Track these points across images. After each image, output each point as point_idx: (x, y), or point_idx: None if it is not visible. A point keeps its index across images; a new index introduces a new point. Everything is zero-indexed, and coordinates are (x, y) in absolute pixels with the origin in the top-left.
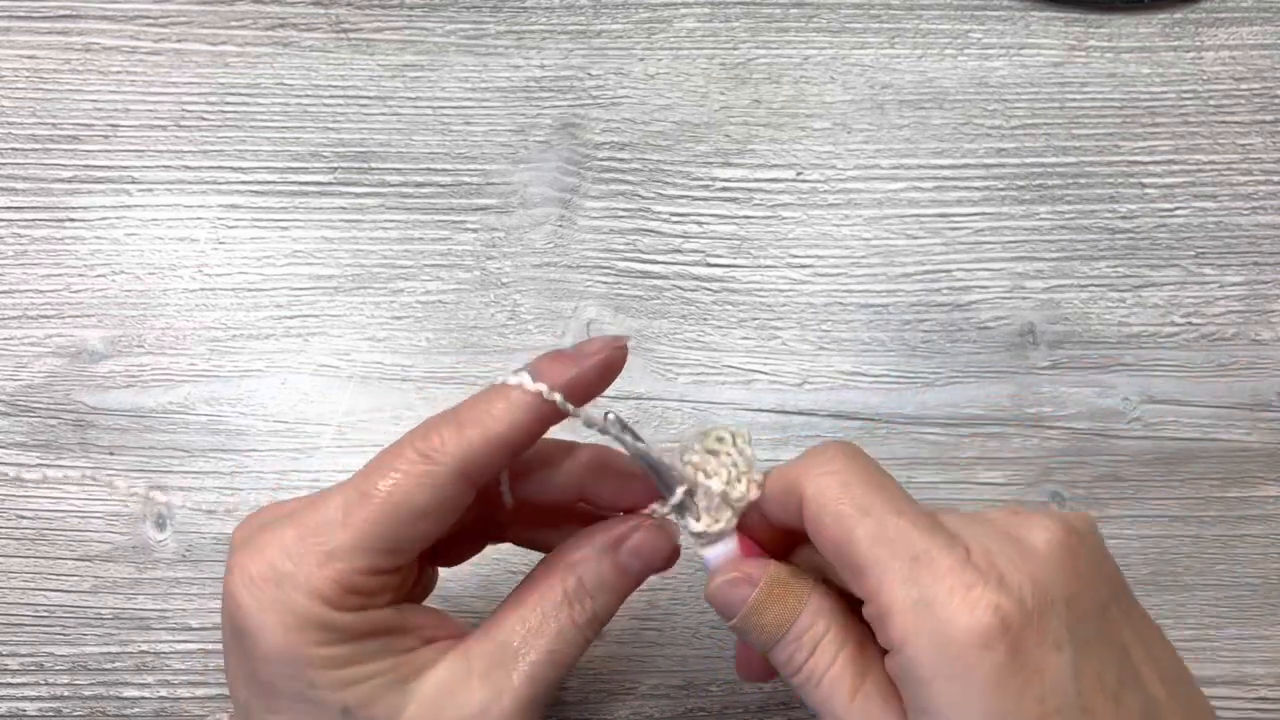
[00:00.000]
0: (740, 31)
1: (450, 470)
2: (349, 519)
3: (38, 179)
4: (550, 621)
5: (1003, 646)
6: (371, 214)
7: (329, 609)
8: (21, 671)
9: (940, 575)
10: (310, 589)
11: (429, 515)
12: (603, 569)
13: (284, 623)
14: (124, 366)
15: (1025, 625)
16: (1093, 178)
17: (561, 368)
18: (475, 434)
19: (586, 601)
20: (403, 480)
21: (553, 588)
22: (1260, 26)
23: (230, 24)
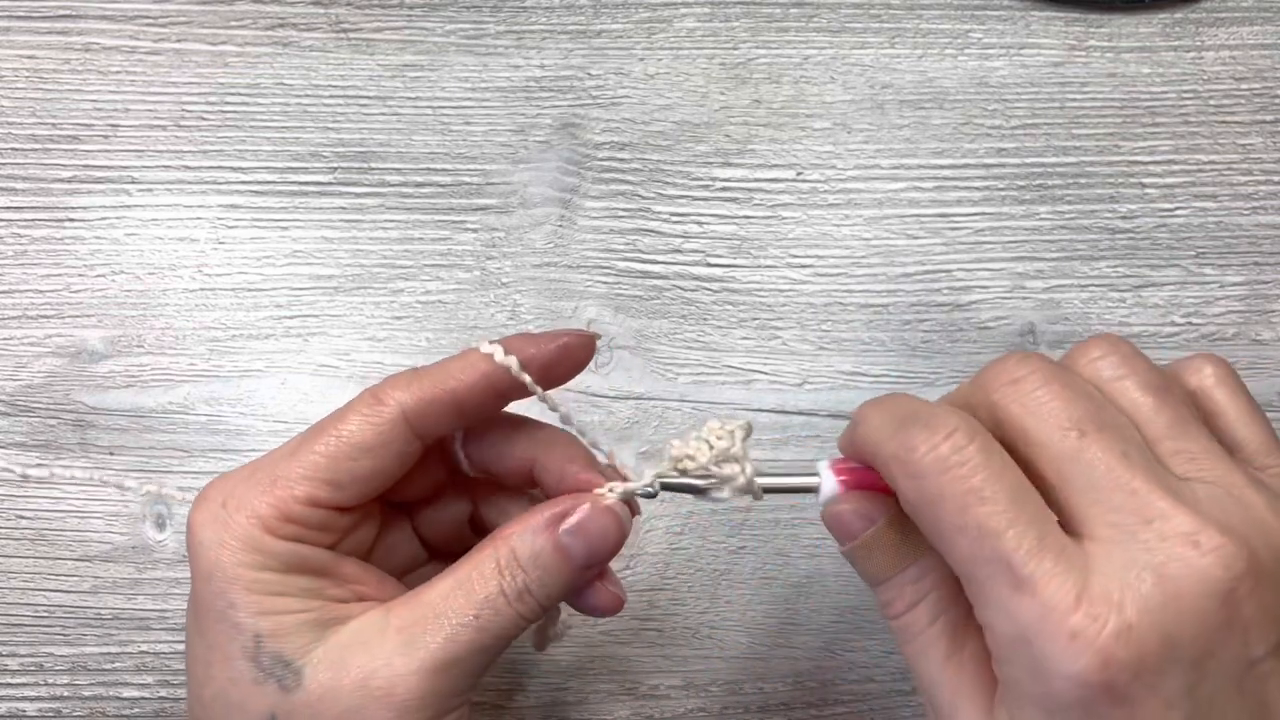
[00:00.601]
0: (740, 31)
1: (394, 412)
2: (296, 451)
3: (38, 179)
4: (478, 588)
5: (1104, 697)
6: (371, 214)
7: (263, 533)
8: (21, 672)
9: (1044, 611)
10: (249, 511)
11: (370, 451)
12: (538, 543)
13: (219, 538)
14: (124, 366)
15: (1135, 679)
16: (1093, 178)
17: (525, 343)
18: (426, 385)
19: (519, 575)
20: (350, 417)
21: (485, 558)
22: (1261, 26)
23: (230, 24)
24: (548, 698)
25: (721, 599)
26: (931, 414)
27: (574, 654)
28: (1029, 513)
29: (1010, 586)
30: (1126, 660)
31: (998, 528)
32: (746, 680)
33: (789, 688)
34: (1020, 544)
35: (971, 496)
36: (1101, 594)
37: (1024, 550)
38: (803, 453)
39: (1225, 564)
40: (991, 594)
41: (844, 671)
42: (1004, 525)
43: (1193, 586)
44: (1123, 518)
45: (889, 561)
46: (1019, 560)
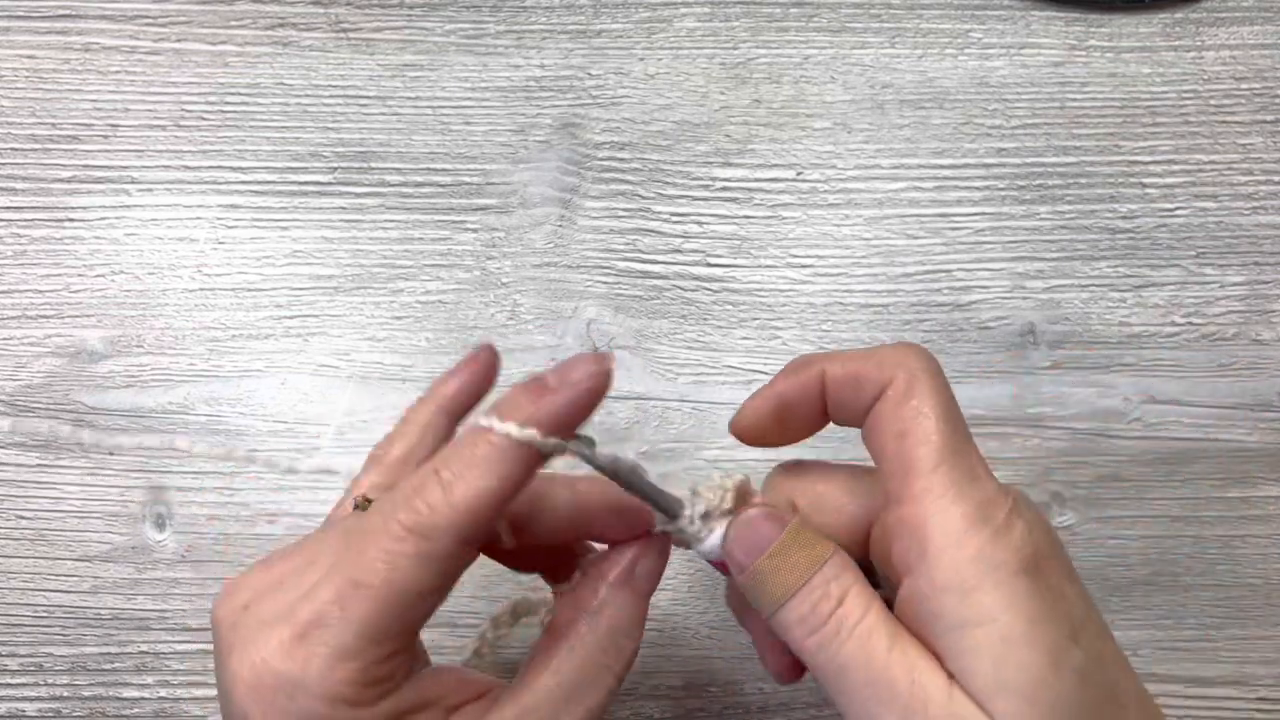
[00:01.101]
0: (740, 31)
1: (447, 543)
2: (348, 613)
3: (37, 179)
4: (588, 673)
5: (1036, 569)
6: (371, 214)
7: (350, 709)
8: (21, 672)
9: (994, 500)
10: (325, 694)
11: (433, 593)
12: (628, 603)
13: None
14: (123, 366)
15: (1051, 557)
16: (1093, 177)
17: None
18: (464, 495)
19: (622, 644)
20: (398, 562)
21: (582, 636)
22: (1261, 26)
23: (230, 24)
24: None
25: (721, 599)
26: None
27: None
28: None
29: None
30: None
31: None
32: (746, 680)
33: (789, 688)
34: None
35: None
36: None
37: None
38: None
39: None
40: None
41: None
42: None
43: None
44: None
45: (806, 559)
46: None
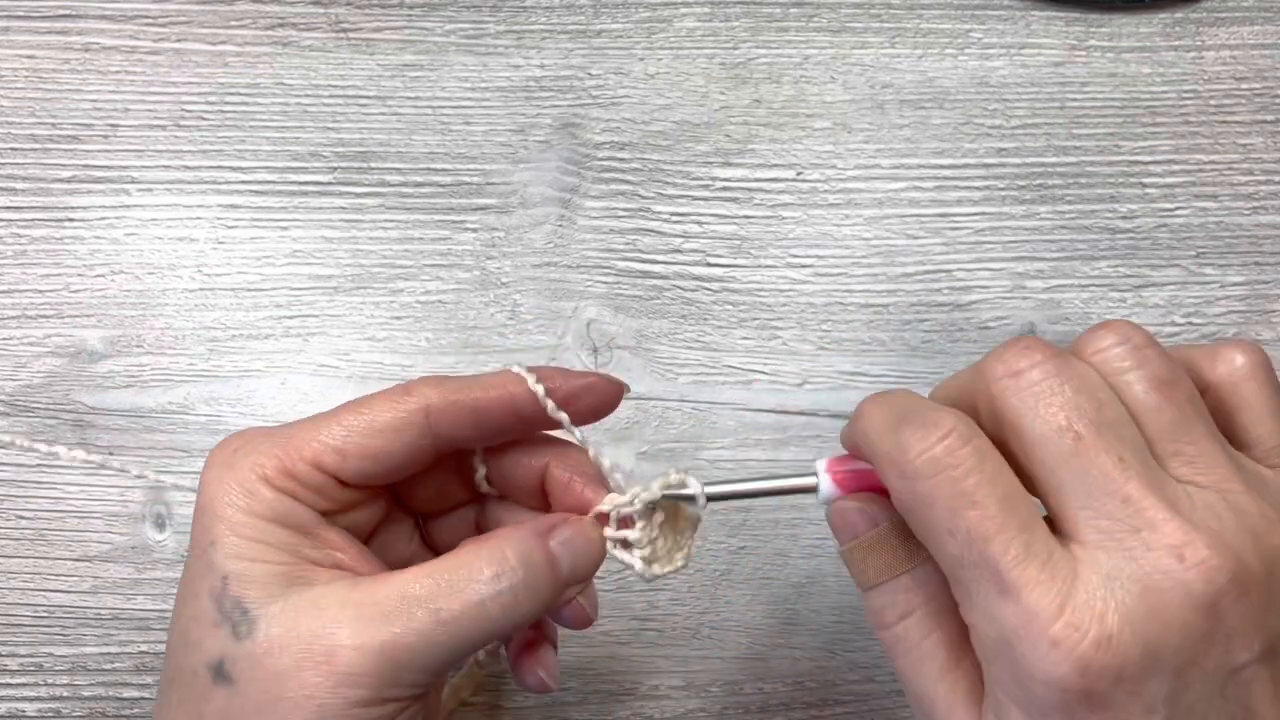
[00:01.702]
0: (740, 31)
1: (417, 403)
2: (317, 419)
3: (37, 179)
4: (453, 584)
5: (1082, 707)
6: (371, 214)
7: (259, 480)
8: (21, 672)
9: (1027, 618)
10: (255, 460)
11: (383, 433)
12: (530, 547)
13: (219, 477)
14: (123, 366)
15: (1116, 686)
16: (1093, 177)
17: (555, 373)
18: (451, 388)
19: (505, 575)
20: (375, 399)
21: (468, 556)
22: (1261, 26)
23: (230, 24)
24: (548, 698)
25: (721, 599)
26: (928, 413)
27: (574, 654)
28: (1019, 519)
29: (996, 591)
30: (1106, 668)
31: (986, 533)
32: (746, 680)
33: (789, 688)
34: (1007, 550)
35: (962, 500)
36: (1085, 603)
37: (1011, 556)
38: (803, 453)
39: (1209, 578)
40: (977, 597)
41: (844, 671)
42: (993, 530)
43: (1175, 599)
44: (1113, 525)
45: (886, 564)
46: (1005, 566)
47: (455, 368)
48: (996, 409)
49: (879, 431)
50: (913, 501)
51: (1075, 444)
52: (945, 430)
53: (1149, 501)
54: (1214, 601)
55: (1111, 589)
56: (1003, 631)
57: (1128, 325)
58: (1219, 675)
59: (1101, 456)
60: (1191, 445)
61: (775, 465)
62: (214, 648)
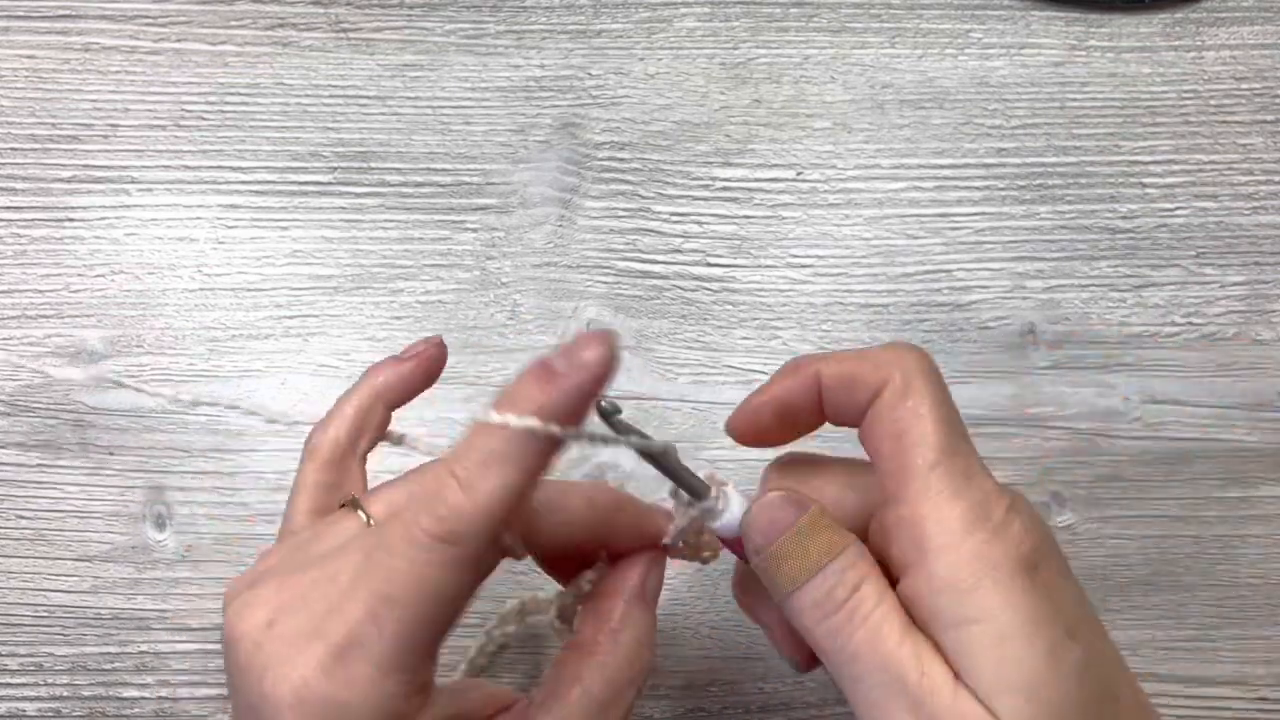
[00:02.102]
0: (740, 31)
1: (475, 545)
2: (383, 629)
3: (37, 179)
4: (615, 686)
5: (1034, 568)
6: (371, 214)
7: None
8: (21, 672)
9: (990, 499)
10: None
11: (464, 596)
12: (643, 617)
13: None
14: (124, 366)
15: (1048, 555)
16: (1093, 177)
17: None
18: (486, 493)
19: (641, 655)
20: (427, 572)
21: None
22: (1261, 26)
23: (230, 24)
24: None
25: (721, 599)
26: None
27: None
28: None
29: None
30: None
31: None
32: (746, 680)
33: (789, 688)
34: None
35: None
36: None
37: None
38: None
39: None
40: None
41: None
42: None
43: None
44: None
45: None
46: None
47: (455, 368)
48: None
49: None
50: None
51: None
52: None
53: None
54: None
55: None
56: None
57: None
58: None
59: None
60: None
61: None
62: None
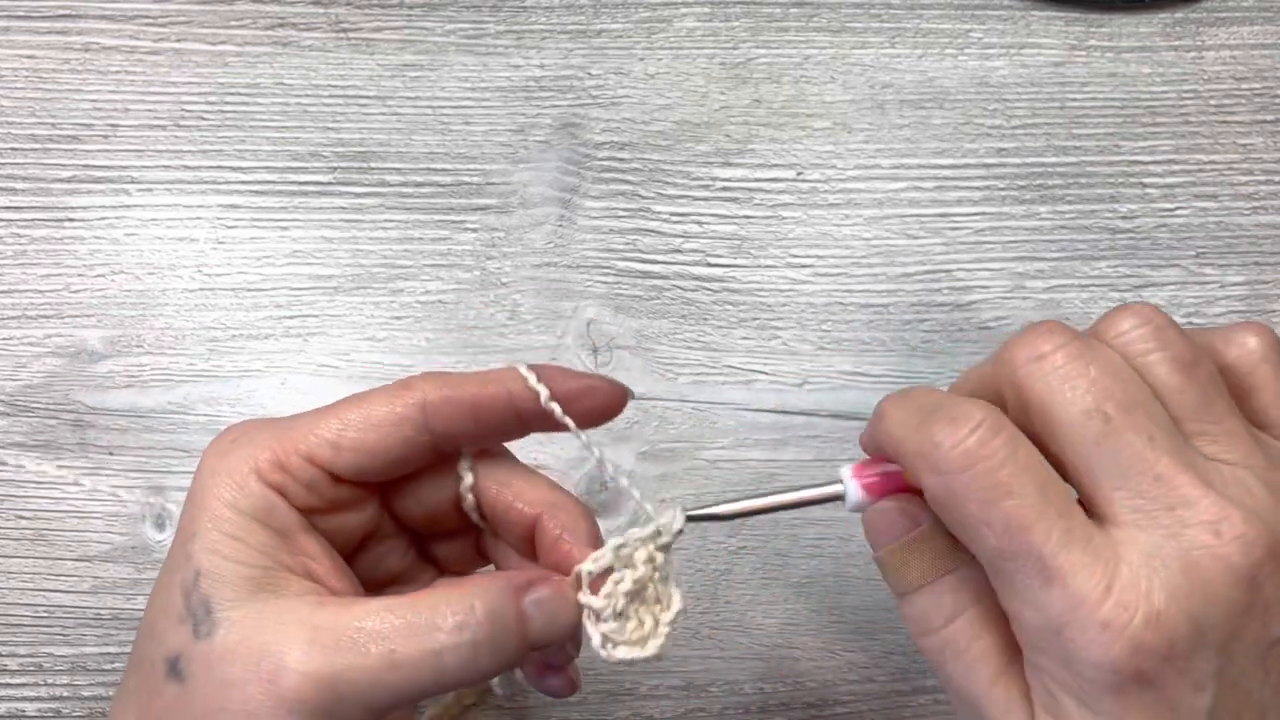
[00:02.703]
0: (740, 31)
1: (415, 398)
2: (318, 412)
3: (37, 179)
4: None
5: (1134, 687)
6: (371, 214)
7: (250, 473)
8: (21, 672)
9: (1073, 604)
10: (249, 451)
11: (380, 427)
12: (502, 603)
13: (211, 468)
14: (123, 366)
15: (1165, 664)
16: (1093, 177)
17: (557, 372)
18: (451, 383)
19: (469, 627)
20: (373, 393)
21: (436, 599)
22: (1261, 26)
23: (230, 24)
24: (548, 698)
25: (721, 599)
26: (955, 407)
27: None
28: (1056, 506)
29: (1040, 579)
30: (1156, 646)
31: (1025, 522)
32: (746, 680)
33: (789, 688)
34: (1049, 537)
35: (998, 491)
36: (1130, 583)
37: (1052, 543)
38: (802, 453)
39: (1245, 551)
40: (1020, 587)
41: (844, 671)
42: (1032, 519)
43: (1217, 574)
44: (1148, 503)
45: (930, 565)
46: (1048, 553)
47: (455, 368)
48: (1023, 395)
49: (906, 429)
50: (948, 497)
51: (1105, 425)
52: (975, 422)
53: (1183, 479)
54: (1253, 575)
55: (1153, 567)
56: (1050, 619)
57: (1148, 308)
58: (1259, 648)
59: (1131, 436)
60: (1215, 424)
61: (775, 465)
62: (174, 642)
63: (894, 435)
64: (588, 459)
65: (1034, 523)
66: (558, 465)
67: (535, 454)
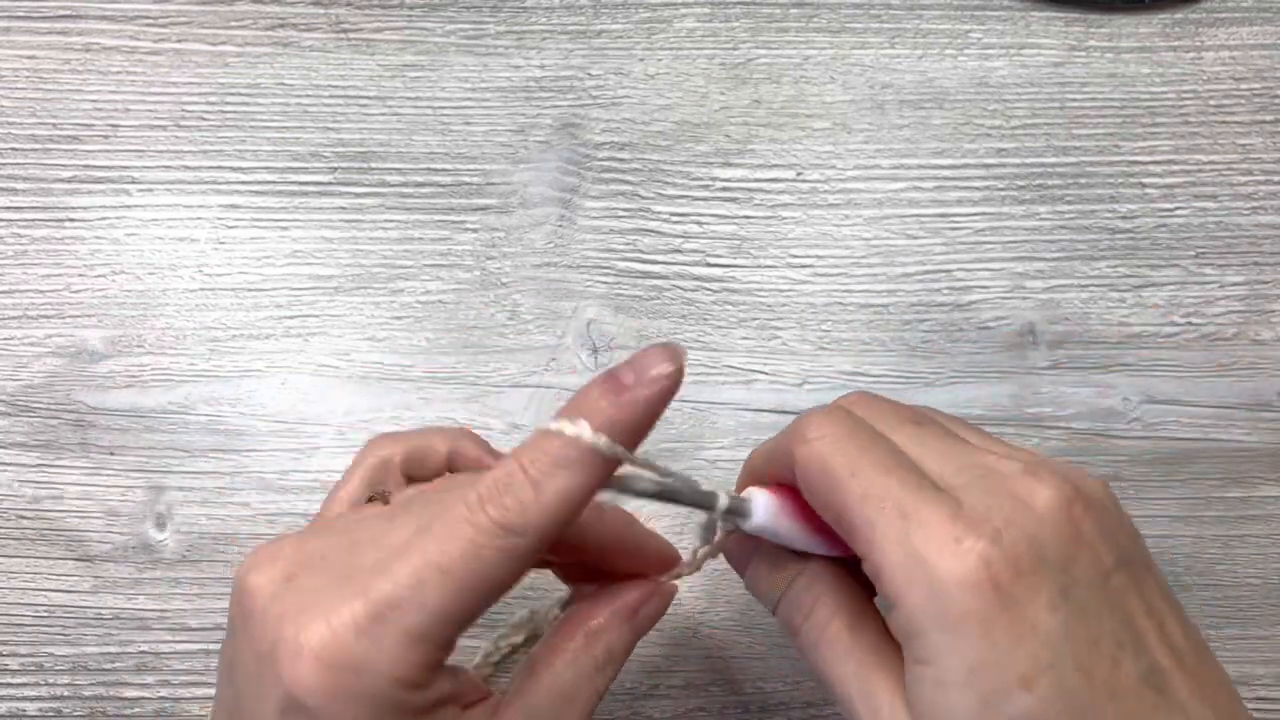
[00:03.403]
0: (740, 31)
1: (532, 544)
2: (428, 597)
3: (38, 179)
4: (582, 689)
5: (993, 597)
6: (371, 214)
7: (411, 691)
8: (21, 671)
9: (930, 530)
10: (395, 676)
11: (507, 587)
12: (625, 636)
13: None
14: (124, 366)
15: (1016, 579)
16: (1093, 178)
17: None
18: (553, 495)
19: (609, 668)
20: (484, 555)
21: (580, 655)
22: (1260, 26)
23: (230, 24)
24: None
25: (721, 599)
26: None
27: None
28: (907, 462)
29: (898, 516)
30: (1003, 558)
31: (886, 465)
32: (746, 680)
33: (789, 688)
34: (905, 480)
35: (858, 450)
36: (972, 510)
37: (909, 487)
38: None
39: (1060, 489)
40: (881, 527)
41: None
42: (891, 464)
43: (1043, 503)
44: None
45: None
46: (906, 494)
47: (455, 368)
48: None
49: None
50: (816, 463)
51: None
52: (834, 412)
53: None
54: (1068, 504)
55: (988, 505)
56: (909, 549)
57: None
58: (1096, 575)
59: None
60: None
61: None
62: None
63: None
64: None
65: (893, 468)
66: None
67: None
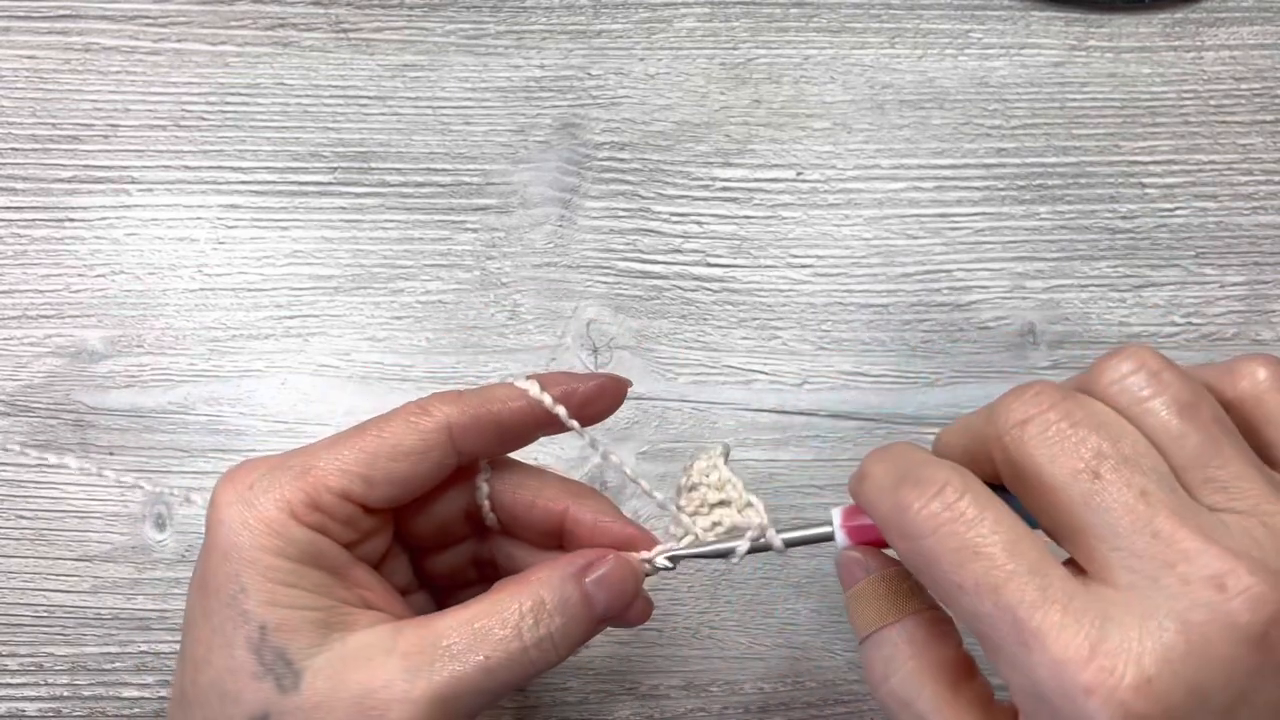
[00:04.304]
0: (740, 31)
1: (439, 422)
2: (335, 444)
3: (38, 179)
4: (495, 630)
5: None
6: (371, 214)
7: (289, 518)
8: (21, 672)
9: (1055, 668)
10: (279, 495)
11: (410, 455)
12: (567, 591)
13: (242, 519)
14: (124, 366)
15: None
16: (1093, 178)
17: (564, 378)
18: (471, 403)
19: (543, 622)
20: (394, 420)
21: (507, 600)
22: (1261, 26)
23: (230, 24)
24: (548, 698)
25: (721, 599)
26: (923, 469)
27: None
28: (1028, 562)
29: (1017, 642)
30: (1148, 713)
31: (995, 581)
32: (746, 680)
33: (789, 688)
34: (1021, 596)
35: (965, 553)
36: (1118, 645)
37: (1026, 602)
38: (802, 453)
39: (1253, 607)
40: (1003, 650)
41: (844, 671)
42: (1001, 579)
43: (1219, 633)
44: (1144, 563)
45: (874, 616)
46: (1023, 614)
47: (455, 368)
48: (1011, 459)
49: (879, 492)
50: (919, 560)
51: (1093, 484)
52: (940, 485)
53: (1181, 533)
54: (1263, 632)
55: (1147, 628)
56: (1033, 683)
57: (1142, 350)
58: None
59: (1123, 492)
60: (1222, 469)
61: (775, 465)
62: (256, 701)
63: (870, 499)
64: (589, 458)
65: (1004, 581)
66: (559, 465)
67: (537, 454)
